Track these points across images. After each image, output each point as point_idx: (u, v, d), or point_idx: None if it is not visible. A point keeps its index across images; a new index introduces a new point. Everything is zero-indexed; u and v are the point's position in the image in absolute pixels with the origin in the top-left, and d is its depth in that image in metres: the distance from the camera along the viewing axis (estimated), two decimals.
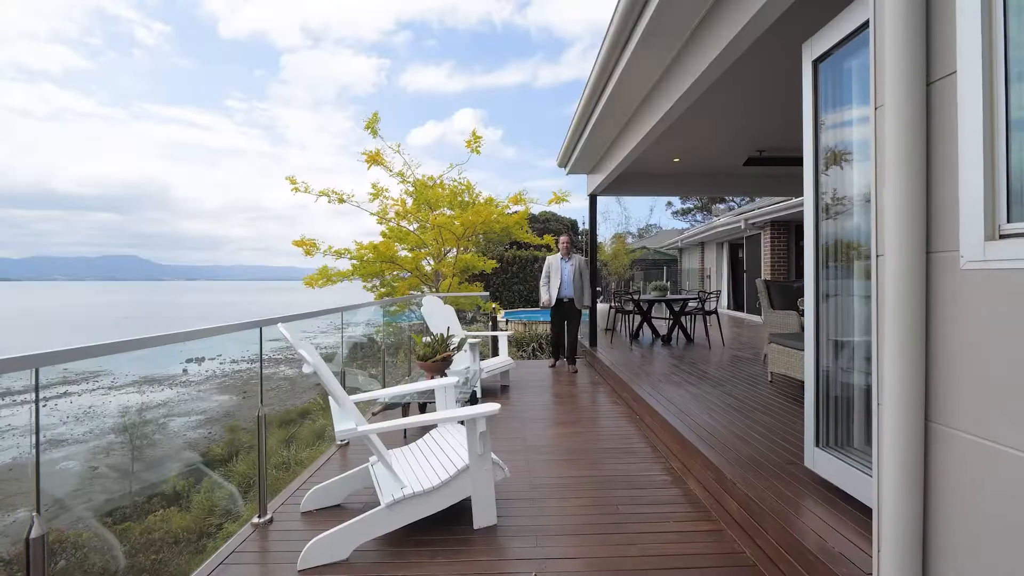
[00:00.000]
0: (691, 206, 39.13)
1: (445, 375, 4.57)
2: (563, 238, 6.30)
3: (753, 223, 11.28)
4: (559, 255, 6.27)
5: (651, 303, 8.50)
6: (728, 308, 13.71)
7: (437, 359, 4.23)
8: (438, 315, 5.67)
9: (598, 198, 7.66)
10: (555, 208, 9.68)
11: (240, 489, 5.53)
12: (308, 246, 7.92)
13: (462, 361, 5.36)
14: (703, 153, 6.49)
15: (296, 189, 7.81)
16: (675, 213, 39.75)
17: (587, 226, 7.85)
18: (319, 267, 8.29)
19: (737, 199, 36.76)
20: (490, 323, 7.33)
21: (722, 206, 37.83)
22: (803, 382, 2.56)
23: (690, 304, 8.18)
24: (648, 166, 7.09)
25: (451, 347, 4.36)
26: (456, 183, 8.83)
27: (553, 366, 6.67)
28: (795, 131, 5.99)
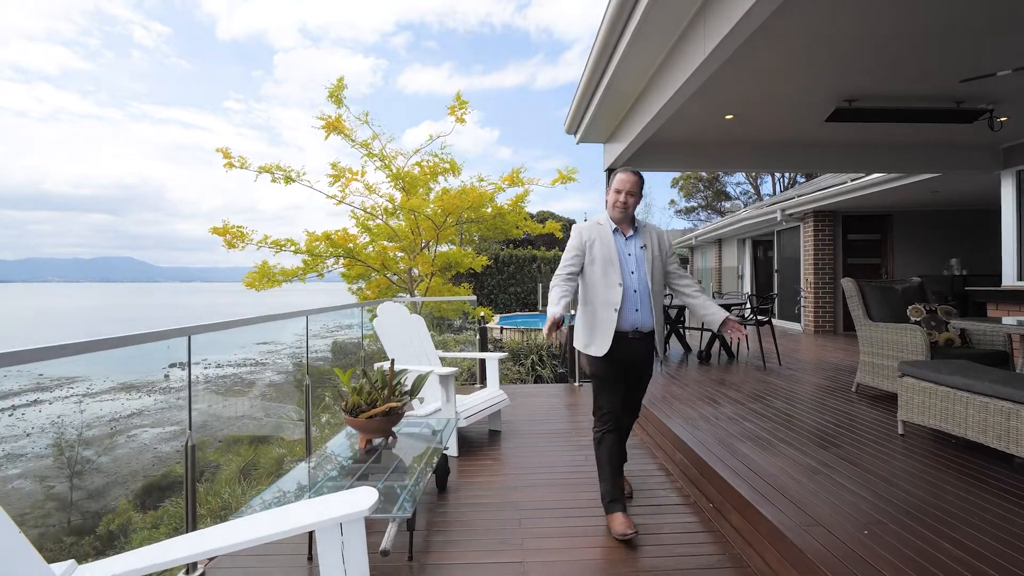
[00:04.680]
0: (695, 204, 37.59)
1: (393, 436, 2.84)
2: (623, 176, 2.51)
3: (791, 213, 9.58)
4: (607, 221, 2.57)
5: (681, 309, 6.83)
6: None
7: (375, 413, 2.51)
8: (400, 331, 3.93)
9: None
10: (553, 207, 8.00)
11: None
12: (232, 236, 6.02)
13: (427, 404, 3.62)
14: (768, 105, 4.76)
15: (230, 165, 6.05)
16: (678, 212, 38.14)
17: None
18: (258, 264, 6.49)
19: (744, 197, 35.21)
20: (478, 336, 5.61)
21: (727, 204, 36.21)
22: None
23: (734, 309, 6.48)
24: (687, 129, 5.36)
25: (401, 390, 2.64)
26: (437, 157, 7.02)
27: (628, 534, 2.27)
28: (910, 66, 4.17)
